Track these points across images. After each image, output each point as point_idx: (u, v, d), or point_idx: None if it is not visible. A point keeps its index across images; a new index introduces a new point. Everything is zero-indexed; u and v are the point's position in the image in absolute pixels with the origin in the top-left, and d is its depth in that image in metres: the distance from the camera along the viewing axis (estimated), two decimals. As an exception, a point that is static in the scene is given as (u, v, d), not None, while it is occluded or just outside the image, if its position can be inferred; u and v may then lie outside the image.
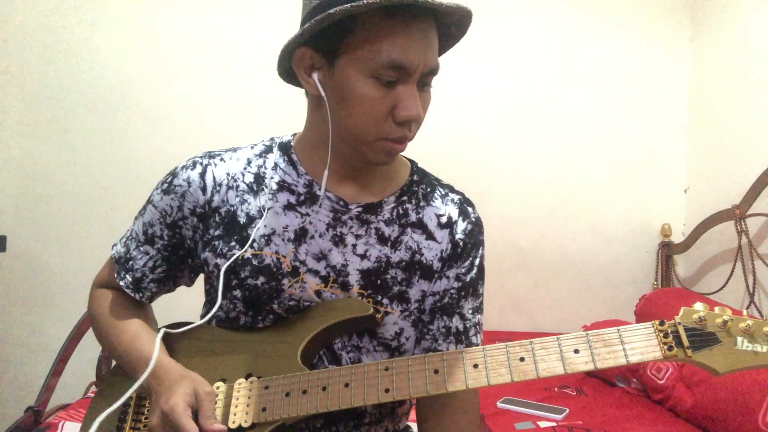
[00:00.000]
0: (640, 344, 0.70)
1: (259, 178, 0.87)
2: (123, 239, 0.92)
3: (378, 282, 0.85)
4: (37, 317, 2.27)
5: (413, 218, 0.88)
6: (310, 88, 0.79)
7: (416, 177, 0.92)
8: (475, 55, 2.44)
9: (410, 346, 0.89)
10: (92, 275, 0.97)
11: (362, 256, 0.84)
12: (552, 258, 2.52)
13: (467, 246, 0.89)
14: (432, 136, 2.02)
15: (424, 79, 0.76)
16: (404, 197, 0.89)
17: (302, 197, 0.85)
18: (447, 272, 0.88)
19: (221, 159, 0.88)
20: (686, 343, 0.69)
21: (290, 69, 0.81)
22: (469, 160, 2.47)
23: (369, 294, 0.85)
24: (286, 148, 0.89)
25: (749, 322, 0.70)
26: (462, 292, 0.88)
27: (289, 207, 0.85)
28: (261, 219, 0.84)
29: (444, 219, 0.89)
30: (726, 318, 0.70)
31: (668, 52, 2.54)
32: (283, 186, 0.86)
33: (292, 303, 0.84)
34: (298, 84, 0.82)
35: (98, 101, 2.29)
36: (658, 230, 2.52)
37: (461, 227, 0.89)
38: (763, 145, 2.06)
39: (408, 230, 0.87)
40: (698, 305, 0.72)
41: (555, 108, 2.51)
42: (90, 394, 1.85)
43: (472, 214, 0.92)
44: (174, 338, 0.88)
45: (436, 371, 0.74)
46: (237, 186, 0.86)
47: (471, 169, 2.46)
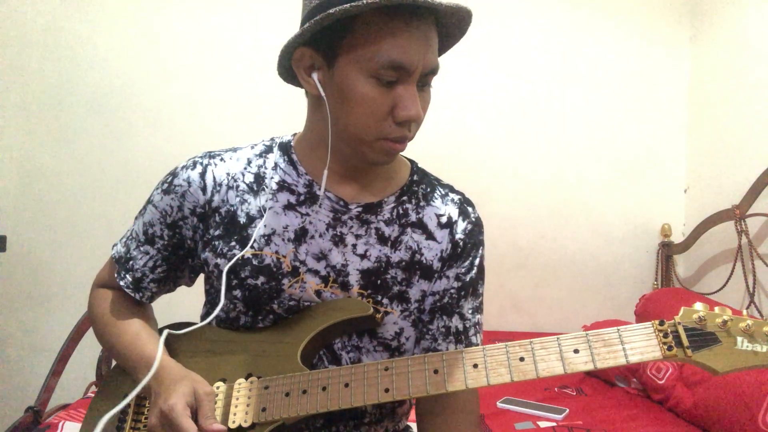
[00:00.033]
0: (640, 344, 0.70)
1: (259, 178, 0.87)
2: (123, 239, 0.92)
3: (378, 282, 0.85)
4: (37, 317, 2.27)
5: (413, 218, 0.88)
6: (310, 88, 0.79)
7: (416, 177, 0.92)
8: (475, 55, 2.44)
9: (410, 346, 0.89)
10: (92, 275, 0.98)
11: (362, 256, 0.85)
12: (552, 258, 2.52)
13: (467, 246, 0.89)
14: (432, 136, 2.02)
15: (424, 79, 0.76)
16: (404, 197, 0.89)
17: (302, 197, 0.85)
18: (447, 272, 0.88)
19: (221, 159, 0.88)
20: (686, 343, 0.69)
21: (290, 69, 0.81)
22: (469, 160, 2.47)
23: (369, 294, 0.85)
24: (286, 148, 0.89)
25: (749, 322, 0.70)
26: (462, 292, 0.88)
27: (289, 207, 0.85)
28: (261, 219, 0.84)
29: (444, 219, 0.89)
30: (726, 318, 0.70)
31: (668, 52, 2.54)
32: (283, 186, 0.86)
33: (292, 303, 0.84)
34: (298, 84, 0.82)
35: (98, 101, 2.29)
36: (658, 230, 2.52)
37: (461, 227, 0.89)
38: (763, 145, 2.06)
39: (408, 230, 0.87)
40: (698, 305, 0.72)
41: (555, 108, 2.51)
42: (90, 394, 1.85)
43: (472, 214, 0.92)
44: (174, 338, 0.88)
45: (436, 371, 0.74)
46: (237, 186, 0.86)
47: (471, 169, 2.46)
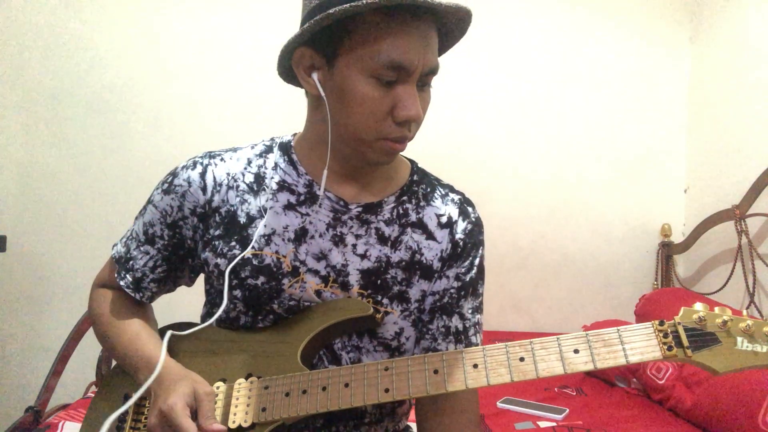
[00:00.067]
0: (640, 344, 0.70)
1: (260, 178, 0.87)
2: (123, 239, 0.92)
3: (378, 282, 0.85)
4: (37, 317, 2.27)
5: (413, 218, 0.88)
6: (310, 88, 0.79)
7: (416, 177, 0.92)
8: (475, 55, 2.44)
9: (410, 346, 0.89)
10: (92, 275, 0.98)
11: (362, 256, 0.84)
12: (552, 258, 2.52)
13: (467, 246, 0.89)
14: (432, 136, 2.02)
15: (424, 79, 0.76)
16: (404, 197, 0.89)
17: (302, 197, 0.85)
18: (447, 272, 0.88)
19: (221, 159, 0.88)
20: (686, 343, 0.69)
21: (290, 69, 0.81)
22: (469, 160, 2.47)
23: (369, 294, 0.85)
24: (287, 148, 0.89)
25: (749, 322, 0.70)
26: (462, 292, 0.88)
27: (289, 207, 0.85)
28: (262, 219, 0.84)
29: (444, 219, 0.89)
30: (726, 318, 0.70)
31: (668, 52, 2.54)
32: (283, 186, 0.86)
33: (292, 303, 0.84)
34: (298, 84, 0.82)
35: (98, 101, 2.29)
36: (658, 230, 2.52)
37: (461, 227, 0.89)
38: (763, 145, 2.06)
39: (408, 230, 0.87)
40: (698, 305, 0.72)
41: (555, 108, 2.51)
42: (90, 394, 1.85)
43: (472, 214, 0.92)
44: (174, 338, 0.88)
45: (436, 371, 0.74)
46: (237, 186, 0.86)
47: (471, 169, 2.46)
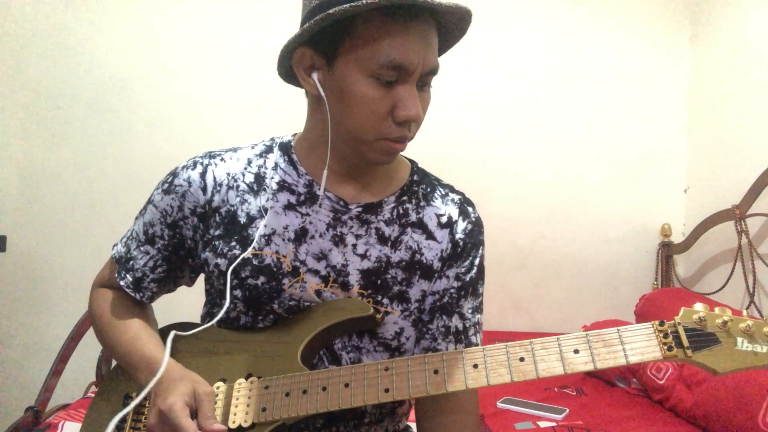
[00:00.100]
0: (640, 344, 0.70)
1: (260, 178, 0.87)
2: (123, 239, 0.92)
3: (378, 282, 0.85)
4: (37, 317, 2.27)
5: (413, 218, 0.88)
6: (310, 88, 0.79)
7: (416, 177, 0.92)
8: (475, 55, 2.44)
9: (410, 346, 0.89)
10: (92, 275, 0.98)
11: (362, 256, 0.84)
12: (552, 258, 2.52)
13: (467, 246, 0.89)
14: (432, 136, 2.02)
15: (424, 79, 0.76)
16: (404, 197, 0.89)
17: (302, 197, 0.85)
18: (447, 272, 0.88)
19: (222, 159, 0.88)
20: (686, 344, 0.69)
21: (290, 69, 0.81)
22: (469, 160, 2.47)
23: (369, 294, 0.85)
24: (287, 148, 0.89)
25: (749, 323, 0.69)
26: (462, 292, 0.88)
27: (290, 207, 0.85)
28: (262, 219, 0.84)
29: (444, 219, 0.89)
30: (726, 318, 0.70)
31: (668, 52, 2.54)
32: (284, 186, 0.86)
33: (293, 303, 0.84)
34: (298, 84, 0.82)
35: (98, 101, 2.29)
36: (658, 230, 2.52)
37: (461, 227, 0.89)
38: (763, 145, 2.06)
39: (408, 230, 0.87)
40: (698, 305, 0.72)
41: (555, 108, 2.51)
42: (90, 394, 1.85)
43: (472, 214, 0.92)
44: (174, 338, 0.88)
45: (436, 371, 0.74)
46: (237, 186, 0.86)
47: (471, 169, 2.46)
